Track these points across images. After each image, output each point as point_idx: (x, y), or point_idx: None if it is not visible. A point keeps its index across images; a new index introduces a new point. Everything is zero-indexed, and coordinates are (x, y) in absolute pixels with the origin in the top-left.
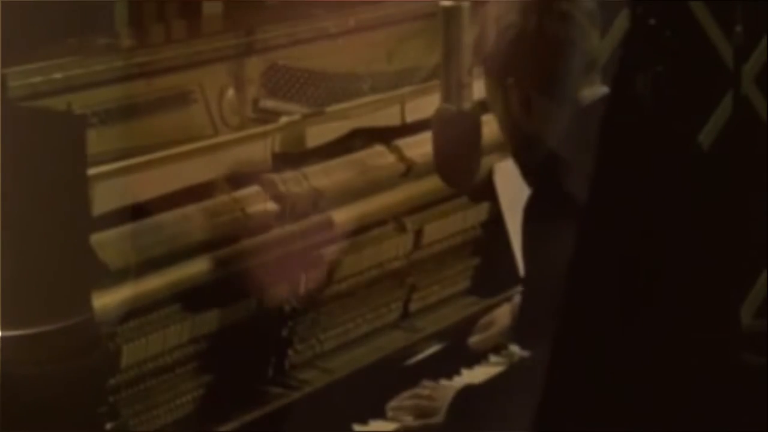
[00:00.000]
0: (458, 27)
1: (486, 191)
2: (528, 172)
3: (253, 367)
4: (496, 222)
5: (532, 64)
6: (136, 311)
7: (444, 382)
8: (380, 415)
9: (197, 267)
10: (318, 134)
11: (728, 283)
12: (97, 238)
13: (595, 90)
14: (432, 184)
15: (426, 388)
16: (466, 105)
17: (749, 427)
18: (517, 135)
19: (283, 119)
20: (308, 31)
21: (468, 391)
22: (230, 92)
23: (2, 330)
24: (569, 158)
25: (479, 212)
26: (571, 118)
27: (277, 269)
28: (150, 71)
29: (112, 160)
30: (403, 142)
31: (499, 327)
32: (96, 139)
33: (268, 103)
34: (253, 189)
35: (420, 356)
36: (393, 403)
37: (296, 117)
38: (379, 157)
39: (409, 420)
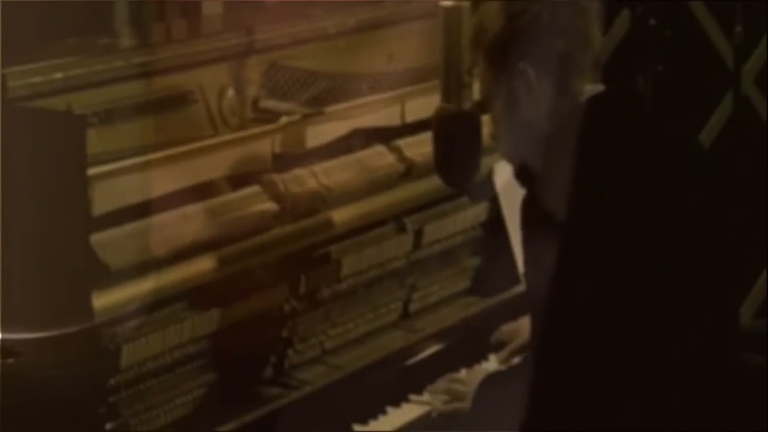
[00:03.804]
0: (458, 27)
1: (486, 191)
2: (522, 170)
3: (253, 367)
4: (496, 222)
5: (541, 50)
6: (136, 311)
7: (477, 367)
8: (380, 414)
9: (197, 267)
10: (318, 134)
11: (728, 283)
12: (97, 238)
13: (594, 87)
14: (432, 184)
15: (462, 371)
16: (466, 105)
17: (749, 427)
18: (515, 126)
19: (283, 119)
20: (308, 31)
21: (492, 378)
22: (230, 92)
23: (2, 332)
24: (564, 155)
25: (479, 212)
26: (568, 113)
27: (277, 269)
28: (150, 71)
29: (112, 160)
30: (403, 142)
31: (525, 337)
32: (96, 139)
33: (268, 103)
34: (253, 189)
35: (420, 356)
36: (431, 386)
37: (296, 117)
38: (379, 157)
39: (439, 402)
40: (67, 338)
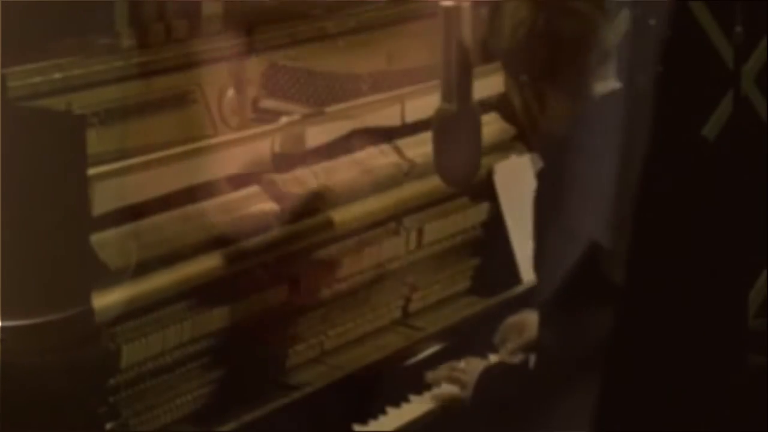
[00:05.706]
0: (458, 27)
1: (486, 191)
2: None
3: (253, 367)
4: (496, 222)
5: (544, 60)
6: (136, 311)
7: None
8: (380, 414)
9: (197, 267)
10: (318, 134)
11: (730, 282)
12: (97, 238)
13: (607, 84)
14: (432, 184)
15: (462, 361)
16: (466, 105)
17: (751, 427)
18: (534, 130)
19: (283, 119)
20: (308, 31)
21: (492, 370)
22: (230, 92)
23: (2, 327)
24: (582, 151)
25: (479, 212)
26: (584, 112)
27: (277, 269)
28: (150, 71)
29: (112, 160)
30: (403, 142)
31: (530, 333)
32: (96, 139)
33: (268, 103)
34: (253, 189)
35: (420, 356)
36: (431, 374)
37: (296, 117)
38: (379, 157)
39: (441, 385)
40: (66, 328)
